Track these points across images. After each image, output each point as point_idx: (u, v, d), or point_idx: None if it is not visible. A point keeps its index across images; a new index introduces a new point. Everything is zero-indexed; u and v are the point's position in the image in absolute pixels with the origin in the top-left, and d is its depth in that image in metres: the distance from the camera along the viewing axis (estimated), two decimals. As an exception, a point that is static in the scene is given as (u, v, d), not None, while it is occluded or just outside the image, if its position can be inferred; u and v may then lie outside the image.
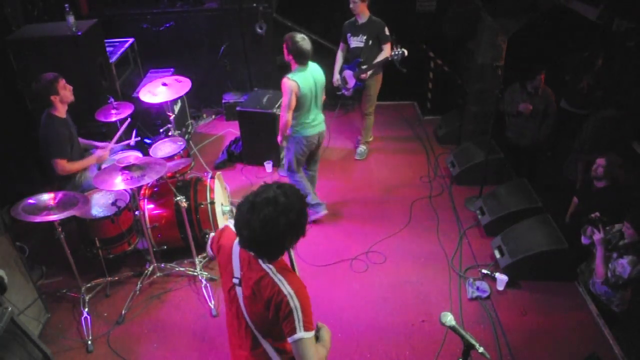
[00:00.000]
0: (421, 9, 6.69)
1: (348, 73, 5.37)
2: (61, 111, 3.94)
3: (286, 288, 1.87)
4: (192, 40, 6.54)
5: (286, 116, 4.05)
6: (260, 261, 1.93)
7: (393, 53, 5.05)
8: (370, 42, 5.15)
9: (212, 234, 2.31)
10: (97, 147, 4.36)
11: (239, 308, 2.02)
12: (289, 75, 3.97)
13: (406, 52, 5.02)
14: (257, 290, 1.91)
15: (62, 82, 3.88)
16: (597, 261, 3.51)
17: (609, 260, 3.48)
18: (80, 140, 4.29)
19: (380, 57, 5.16)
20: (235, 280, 2.00)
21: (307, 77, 4.01)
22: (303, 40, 3.90)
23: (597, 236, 3.47)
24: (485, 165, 4.88)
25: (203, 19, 6.44)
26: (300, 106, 4.07)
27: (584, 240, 3.68)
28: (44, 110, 3.91)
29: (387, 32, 5.12)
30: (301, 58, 3.94)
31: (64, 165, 3.91)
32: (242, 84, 6.81)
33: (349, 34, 5.27)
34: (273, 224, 1.78)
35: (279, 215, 1.78)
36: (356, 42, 5.24)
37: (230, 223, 2.08)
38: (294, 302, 1.86)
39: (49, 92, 3.82)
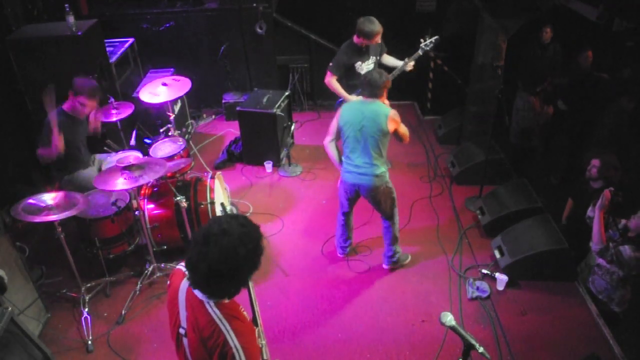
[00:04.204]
0: (421, 9, 6.69)
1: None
2: (69, 109, 3.99)
3: (233, 340, 1.73)
4: (192, 40, 6.54)
5: (325, 138, 3.81)
6: (207, 306, 1.78)
7: (425, 44, 4.59)
8: (377, 58, 4.80)
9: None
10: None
11: (187, 356, 1.93)
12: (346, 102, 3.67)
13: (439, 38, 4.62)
14: (201, 338, 1.78)
15: (83, 99, 3.91)
16: (594, 228, 3.46)
17: (608, 227, 3.46)
18: None
19: (399, 61, 4.74)
20: (182, 331, 1.88)
21: (354, 110, 3.64)
22: (370, 75, 3.61)
23: (599, 202, 3.42)
24: (485, 165, 4.89)
25: (203, 19, 6.44)
26: (343, 139, 3.73)
27: (589, 212, 3.68)
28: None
29: None
30: (361, 87, 3.69)
31: (41, 152, 3.89)
32: (242, 84, 6.82)
33: (357, 63, 4.65)
34: (232, 254, 1.66)
35: (237, 245, 1.67)
36: (367, 67, 4.71)
37: (182, 266, 1.95)
38: (240, 357, 1.73)
39: (71, 89, 3.90)
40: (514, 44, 5.48)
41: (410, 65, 4.70)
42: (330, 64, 4.71)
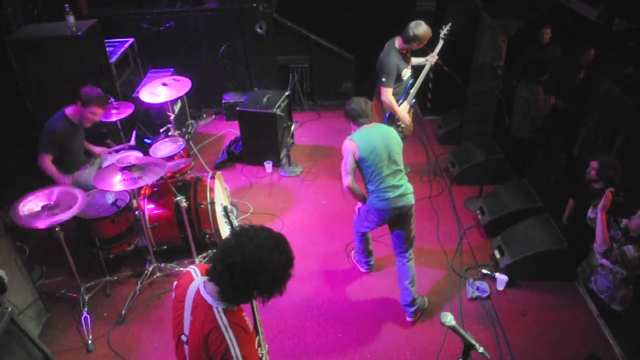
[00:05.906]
0: (421, 9, 6.69)
1: (404, 106, 4.80)
2: (74, 117, 4.00)
3: (235, 350, 1.75)
4: (192, 40, 6.54)
5: (345, 180, 3.51)
6: (215, 311, 1.79)
7: (444, 33, 4.69)
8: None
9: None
10: (92, 150, 4.45)
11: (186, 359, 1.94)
12: (349, 136, 3.52)
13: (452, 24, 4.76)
14: (204, 343, 1.78)
15: (95, 108, 3.91)
16: (597, 230, 3.44)
17: (610, 227, 3.45)
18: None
19: (430, 59, 4.74)
20: (184, 338, 1.89)
21: (370, 137, 3.45)
22: (359, 103, 3.49)
23: (601, 203, 3.40)
24: (485, 165, 4.89)
25: (203, 19, 6.44)
26: (365, 171, 3.50)
27: (590, 213, 3.67)
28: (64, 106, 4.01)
29: None
30: (358, 118, 3.49)
31: (44, 161, 3.93)
32: (242, 84, 6.82)
33: (403, 70, 4.61)
34: (267, 256, 1.70)
35: (274, 251, 1.73)
36: (408, 72, 4.71)
37: (192, 268, 2.00)
38: None
39: (79, 98, 3.88)
40: (514, 44, 5.48)
41: (434, 57, 4.69)
42: (383, 79, 4.50)
